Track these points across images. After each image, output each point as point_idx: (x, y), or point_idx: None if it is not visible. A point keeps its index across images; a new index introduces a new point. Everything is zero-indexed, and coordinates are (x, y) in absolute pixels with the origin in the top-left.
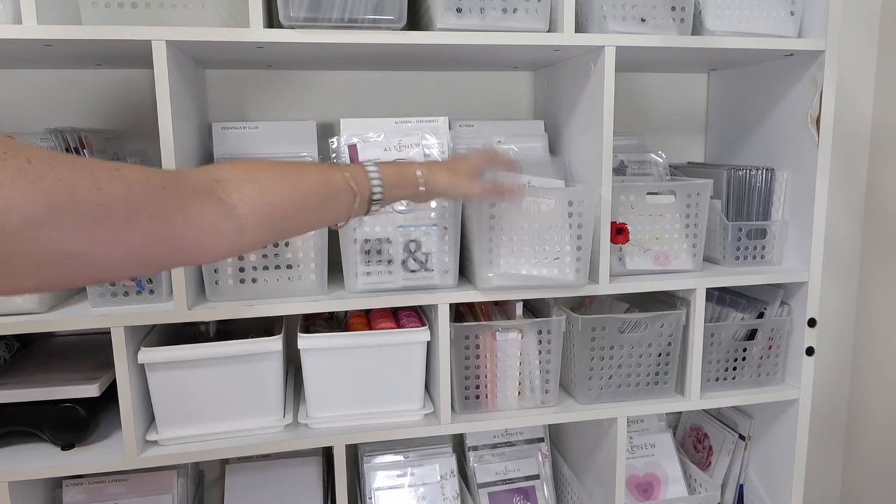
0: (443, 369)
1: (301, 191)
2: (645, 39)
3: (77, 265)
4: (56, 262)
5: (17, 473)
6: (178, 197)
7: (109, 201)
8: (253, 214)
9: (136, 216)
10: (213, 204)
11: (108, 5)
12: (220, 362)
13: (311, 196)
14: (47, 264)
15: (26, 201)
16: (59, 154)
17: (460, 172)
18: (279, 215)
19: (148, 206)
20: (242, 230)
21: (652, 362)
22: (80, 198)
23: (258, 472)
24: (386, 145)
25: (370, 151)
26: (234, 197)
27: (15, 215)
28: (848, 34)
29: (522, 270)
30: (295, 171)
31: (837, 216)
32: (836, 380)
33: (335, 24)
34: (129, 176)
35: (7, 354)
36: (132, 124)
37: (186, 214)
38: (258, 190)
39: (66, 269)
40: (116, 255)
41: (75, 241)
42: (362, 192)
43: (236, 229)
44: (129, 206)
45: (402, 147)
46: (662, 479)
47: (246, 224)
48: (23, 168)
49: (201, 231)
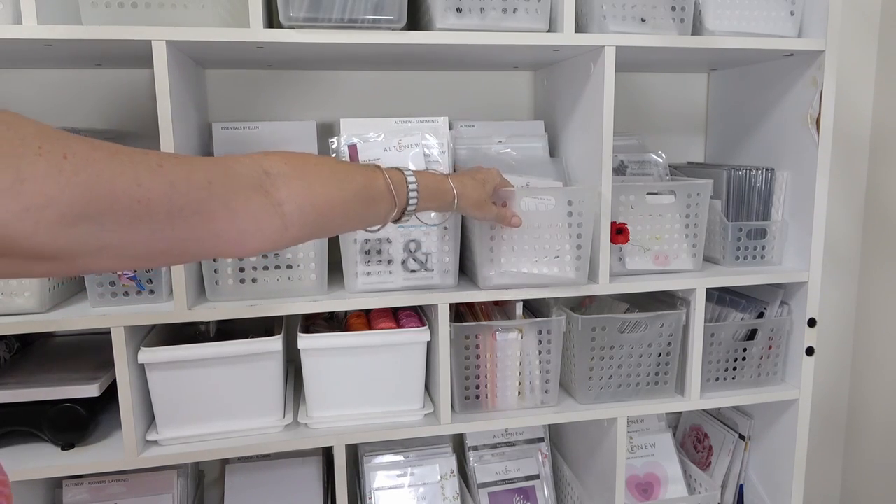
0: (443, 369)
1: (347, 192)
2: (645, 39)
3: (113, 255)
4: (92, 253)
5: (17, 473)
6: (223, 192)
7: (150, 197)
8: (299, 212)
9: (178, 213)
10: (260, 199)
11: (108, 5)
12: (220, 362)
13: (356, 198)
14: (82, 254)
15: (62, 197)
16: (99, 146)
17: (486, 193)
18: (324, 215)
19: (192, 202)
20: (286, 228)
21: (652, 362)
22: (119, 194)
23: (258, 472)
24: (386, 145)
25: (370, 151)
26: (282, 193)
27: (52, 212)
28: (848, 34)
29: (523, 269)
30: (343, 171)
31: (837, 216)
32: (836, 380)
33: (335, 24)
34: (171, 171)
35: (7, 354)
36: (132, 124)
37: (232, 210)
38: (307, 188)
39: (101, 257)
40: (156, 249)
41: (113, 237)
42: (400, 200)
43: (280, 227)
44: (171, 203)
45: (403, 147)
46: (662, 479)
47: (290, 222)
48: (59, 164)
49: (245, 227)
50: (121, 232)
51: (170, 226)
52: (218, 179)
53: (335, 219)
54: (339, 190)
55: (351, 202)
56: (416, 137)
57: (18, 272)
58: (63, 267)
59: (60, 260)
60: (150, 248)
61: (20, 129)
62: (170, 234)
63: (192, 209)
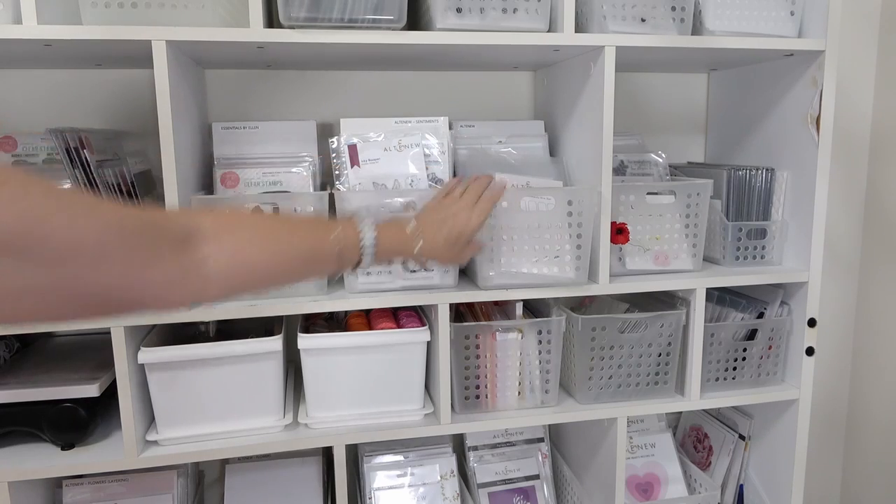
0: (443, 369)
1: (283, 256)
2: (645, 39)
3: (36, 299)
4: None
5: (17, 473)
6: (152, 243)
7: (81, 239)
8: (223, 272)
9: (105, 258)
10: (186, 254)
11: (108, 5)
12: (220, 362)
13: (292, 262)
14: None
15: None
16: (39, 182)
17: (456, 251)
18: (251, 275)
19: (120, 248)
20: (207, 286)
21: (652, 362)
22: (49, 230)
23: (258, 472)
24: (386, 145)
25: (370, 151)
26: (208, 249)
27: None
28: (848, 34)
29: (523, 269)
30: (285, 233)
31: (837, 216)
32: (836, 380)
33: (335, 24)
34: (105, 215)
35: (7, 354)
36: (132, 124)
37: (158, 261)
38: (236, 247)
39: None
40: (79, 295)
41: (37, 276)
42: (350, 257)
43: (201, 285)
44: (101, 247)
45: (403, 147)
46: (662, 479)
47: (213, 280)
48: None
49: (168, 281)
50: (46, 272)
51: (95, 270)
52: (148, 230)
53: (264, 279)
54: (271, 254)
55: (285, 265)
56: (416, 137)
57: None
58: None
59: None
60: (73, 293)
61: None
62: (94, 279)
63: (119, 255)
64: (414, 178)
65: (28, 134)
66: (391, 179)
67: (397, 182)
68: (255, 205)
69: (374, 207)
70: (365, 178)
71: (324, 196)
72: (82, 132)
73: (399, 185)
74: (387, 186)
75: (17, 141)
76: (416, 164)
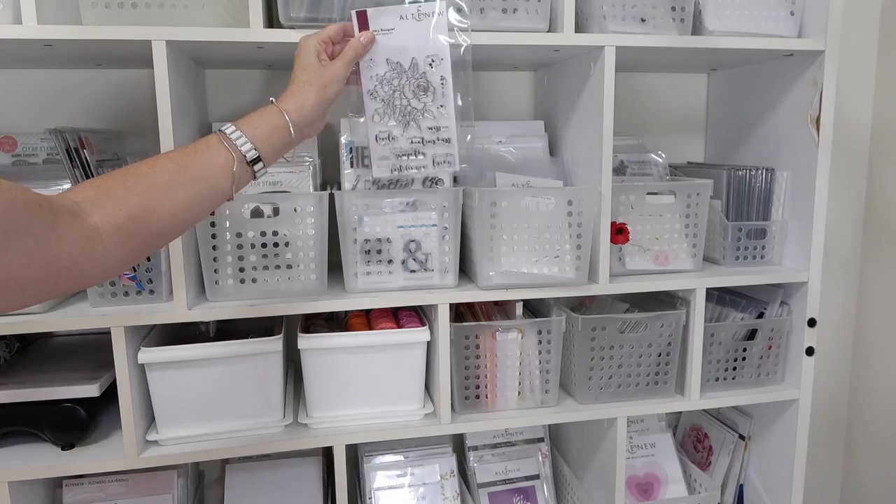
0: (443, 369)
1: (161, 187)
2: (645, 39)
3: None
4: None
5: (18, 473)
6: (51, 217)
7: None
8: (117, 233)
9: (14, 232)
10: (78, 226)
11: (108, 5)
12: (220, 362)
13: (175, 186)
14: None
15: None
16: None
17: (325, 98)
18: (145, 223)
19: (26, 223)
20: (109, 251)
21: (652, 362)
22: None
23: (258, 472)
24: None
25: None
26: (94, 218)
27: None
28: (848, 34)
29: (523, 269)
30: (149, 169)
31: (837, 216)
32: (836, 380)
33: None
34: (10, 191)
35: (7, 354)
36: (132, 124)
37: (58, 235)
38: (116, 205)
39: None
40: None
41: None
42: (244, 177)
43: (103, 252)
44: (9, 222)
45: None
46: (662, 479)
47: (112, 245)
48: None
49: (73, 253)
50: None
51: (5, 247)
52: (45, 205)
53: (160, 219)
54: (149, 190)
55: (170, 194)
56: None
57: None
58: None
59: None
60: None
61: None
62: (5, 257)
63: (26, 230)
64: (435, 56)
65: (28, 134)
66: (408, 56)
67: (415, 62)
68: (254, 205)
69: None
70: (378, 55)
71: (324, 196)
72: (82, 132)
73: (417, 64)
74: (402, 65)
75: (17, 141)
76: (440, 35)
